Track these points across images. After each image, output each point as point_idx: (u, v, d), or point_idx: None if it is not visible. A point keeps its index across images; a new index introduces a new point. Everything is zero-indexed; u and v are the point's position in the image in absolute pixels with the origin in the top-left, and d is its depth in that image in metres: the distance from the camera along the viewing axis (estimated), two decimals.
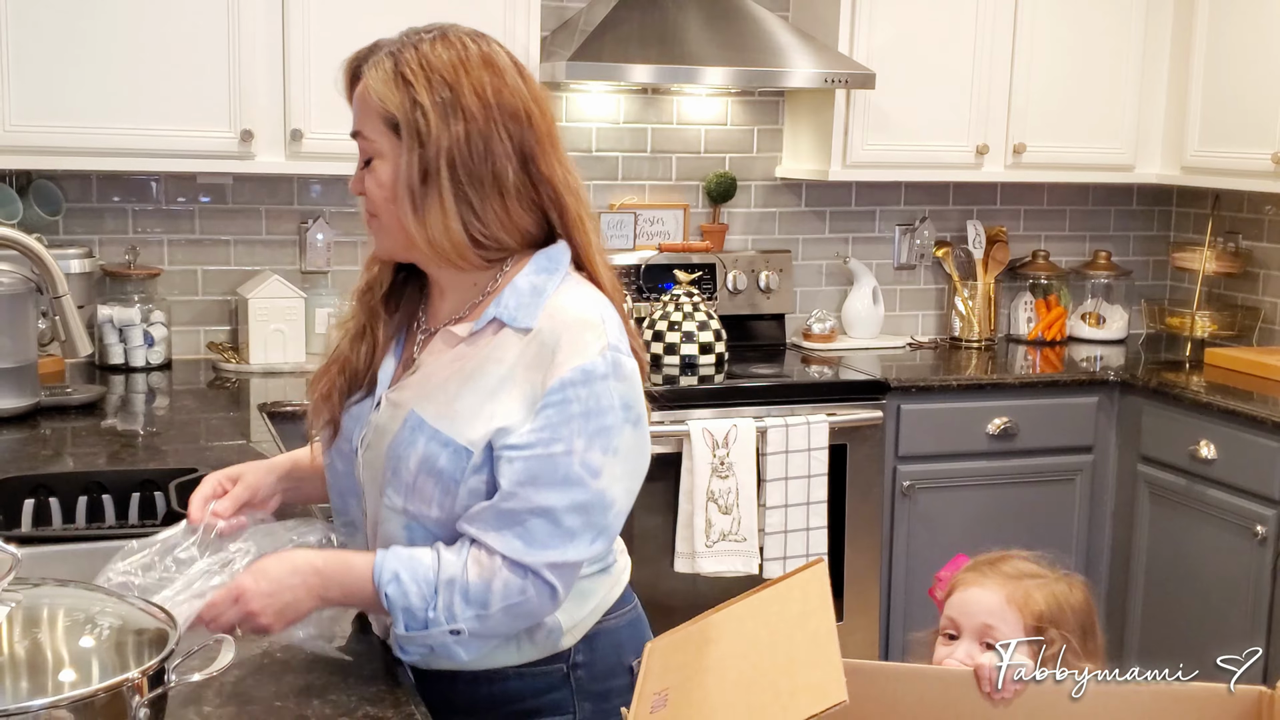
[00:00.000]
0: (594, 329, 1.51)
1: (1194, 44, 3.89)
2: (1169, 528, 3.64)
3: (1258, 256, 4.15)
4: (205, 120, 3.19)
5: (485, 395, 1.52)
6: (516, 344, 1.52)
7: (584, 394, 1.48)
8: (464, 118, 1.51)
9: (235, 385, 3.31)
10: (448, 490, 1.52)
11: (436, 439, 1.52)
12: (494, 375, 1.52)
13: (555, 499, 1.48)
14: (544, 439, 1.48)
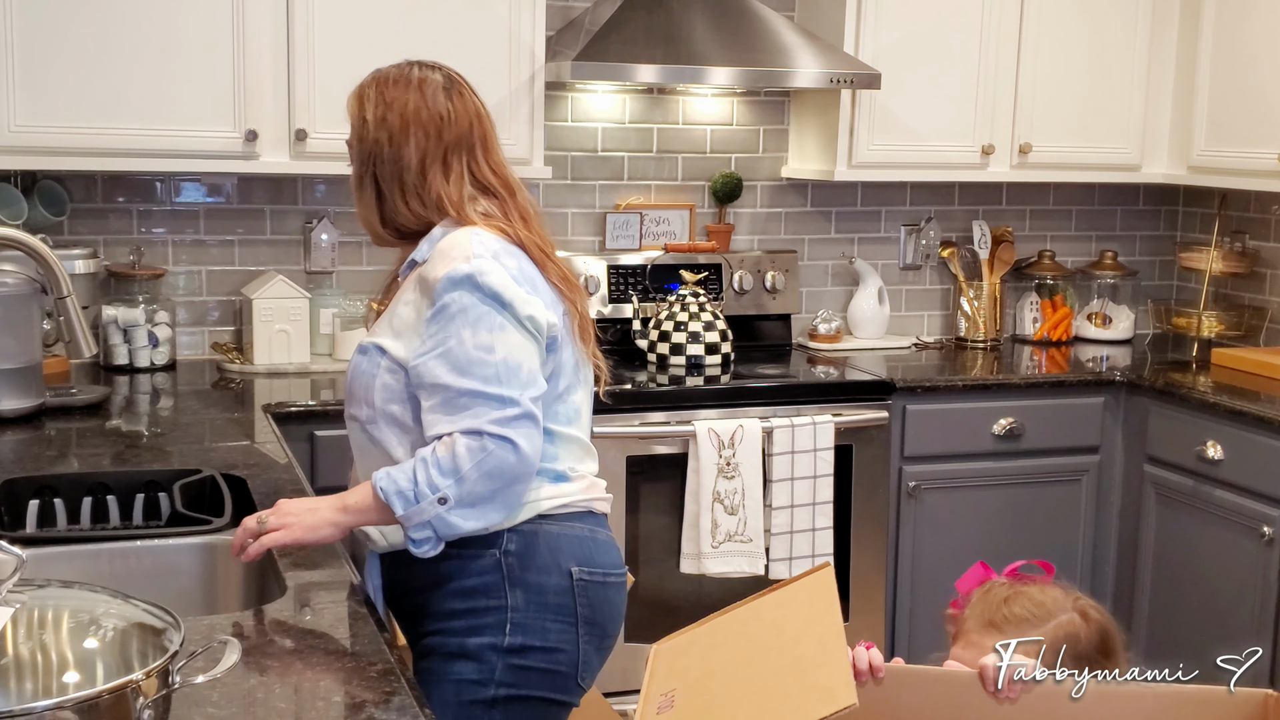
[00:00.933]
0: (460, 246, 1.88)
1: (1200, 43, 3.88)
2: (1175, 528, 3.63)
3: (1265, 256, 4.14)
4: (210, 120, 3.19)
5: (392, 314, 1.93)
6: (413, 276, 1.93)
7: (455, 296, 1.84)
8: (386, 132, 1.96)
9: (240, 386, 3.31)
10: (368, 386, 1.92)
11: (360, 349, 1.96)
12: (400, 299, 1.93)
13: (471, 380, 1.82)
14: (438, 339, 1.85)
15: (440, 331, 1.84)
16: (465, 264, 1.85)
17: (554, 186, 3.85)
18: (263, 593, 1.96)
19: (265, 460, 2.54)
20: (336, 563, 1.94)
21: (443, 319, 1.84)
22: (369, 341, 1.94)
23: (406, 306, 1.90)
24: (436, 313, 1.85)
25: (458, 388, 1.82)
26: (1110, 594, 3.88)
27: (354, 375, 1.95)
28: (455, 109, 1.98)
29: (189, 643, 1.31)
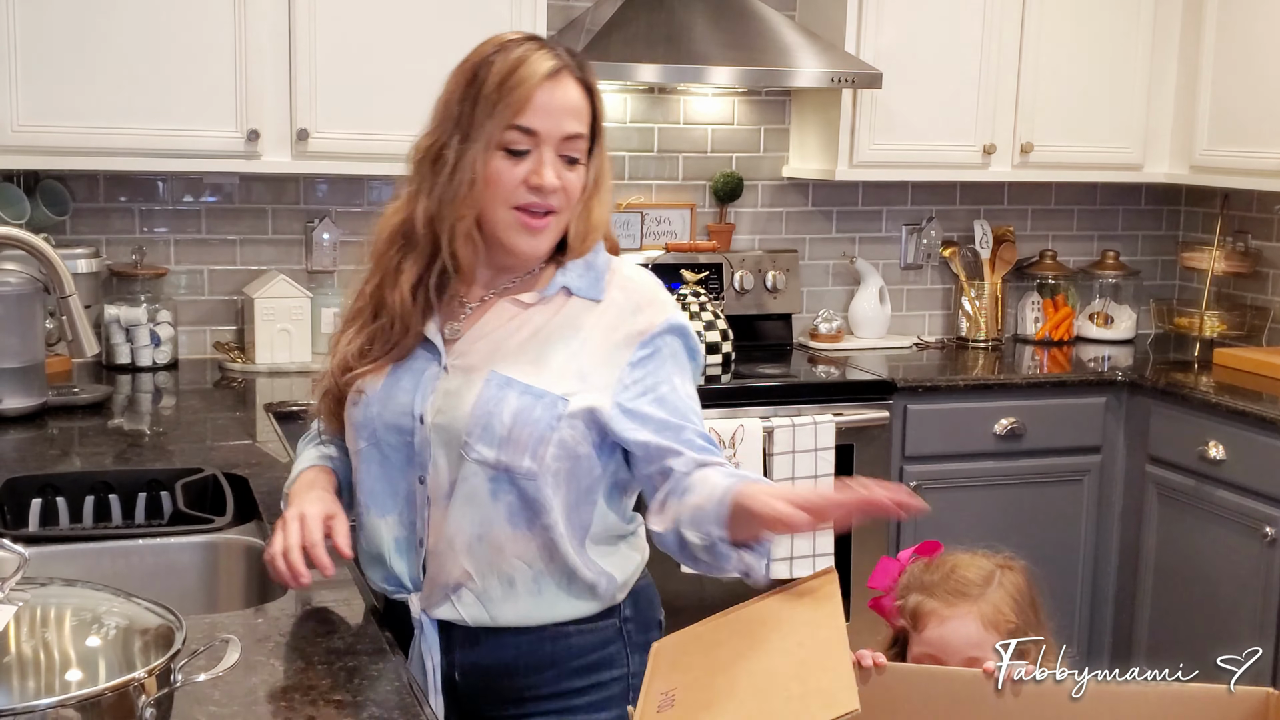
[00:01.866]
0: (664, 291, 1.76)
1: (1203, 42, 3.88)
2: (1177, 529, 3.63)
3: (1267, 256, 4.14)
4: (212, 120, 3.19)
5: (568, 355, 1.68)
6: (588, 312, 1.71)
7: (670, 341, 1.70)
8: (603, 141, 1.74)
9: (241, 385, 3.31)
10: (542, 439, 1.64)
11: (529, 393, 1.65)
12: (574, 337, 1.69)
13: (689, 422, 1.70)
14: (650, 383, 1.68)
15: (650, 376, 1.69)
16: (676, 312, 1.73)
17: None
18: (264, 591, 1.96)
19: (267, 459, 2.54)
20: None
21: (653, 363, 1.69)
22: (544, 388, 1.66)
23: (588, 346, 1.69)
24: (647, 356, 1.69)
25: (675, 423, 1.68)
26: (1112, 594, 3.88)
27: (521, 420, 1.65)
28: None
29: (191, 641, 1.31)
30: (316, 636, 1.66)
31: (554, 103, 1.64)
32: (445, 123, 1.69)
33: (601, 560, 1.73)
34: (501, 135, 1.64)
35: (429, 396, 1.70)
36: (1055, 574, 3.82)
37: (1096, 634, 3.90)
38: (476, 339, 1.71)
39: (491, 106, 1.63)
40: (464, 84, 1.67)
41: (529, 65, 1.64)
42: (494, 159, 1.64)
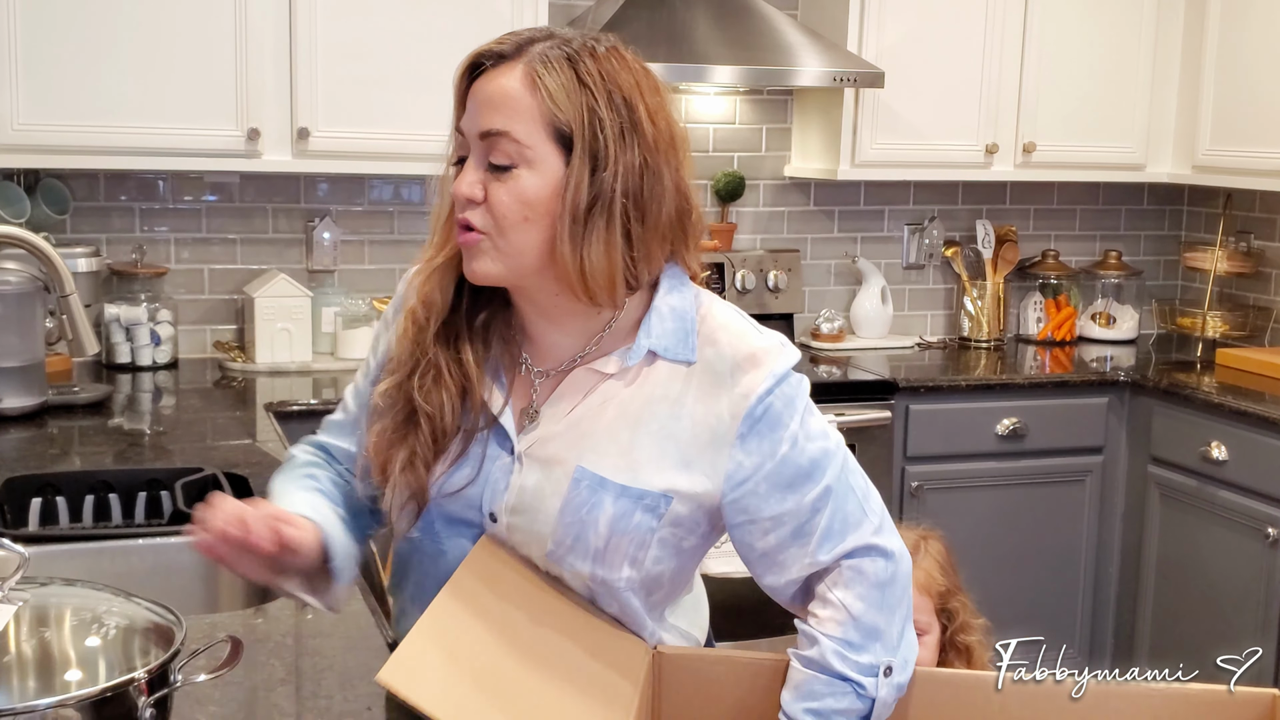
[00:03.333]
0: (754, 338, 1.42)
1: (1206, 42, 3.87)
2: (1179, 529, 3.62)
3: (1270, 256, 4.13)
4: (212, 119, 3.18)
5: (663, 436, 1.39)
6: (679, 377, 1.40)
7: (779, 393, 1.39)
8: (639, 144, 1.35)
9: (241, 384, 3.31)
10: (642, 544, 1.40)
11: (627, 495, 1.38)
12: (665, 413, 1.40)
13: (815, 486, 1.40)
14: (768, 452, 1.39)
15: (768, 441, 1.39)
16: (777, 360, 1.40)
17: None
18: (264, 592, 1.95)
19: (267, 459, 2.54)
20: None
21: (768, 424, 1.39)
22: (643, 486, 1.38)
23: (683, 421, 1.39)
24: (760, 417, 1.38)
25: (808, 505, 1.39)
26: (1114, 595, 3.87)
27: (619, 529, 1.39)
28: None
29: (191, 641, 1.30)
30: (317, 636, 1.65)
31: (478, 95, 1.36)
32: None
33: (680, 622, 1.54)
34: (454, 142, 1.40)
35: (501, 493, 1.42)
36: (1057, 574, 3.81)
37: (1098, 634, 3.89)
38: (552, 422, 1.42)
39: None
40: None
41: (475, 49, 1.41)
42: (450, 175, 1.40)
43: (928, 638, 1.82)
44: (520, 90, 1.34)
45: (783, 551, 1.41)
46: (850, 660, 1.39)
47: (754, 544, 1.42)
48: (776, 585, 1.45)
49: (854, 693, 1.40)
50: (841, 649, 1.40)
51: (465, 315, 1.43)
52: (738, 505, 1.40)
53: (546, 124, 1.33)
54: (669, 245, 1.42)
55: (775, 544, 1.41)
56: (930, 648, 1.83)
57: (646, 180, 1.35)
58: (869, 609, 1.40)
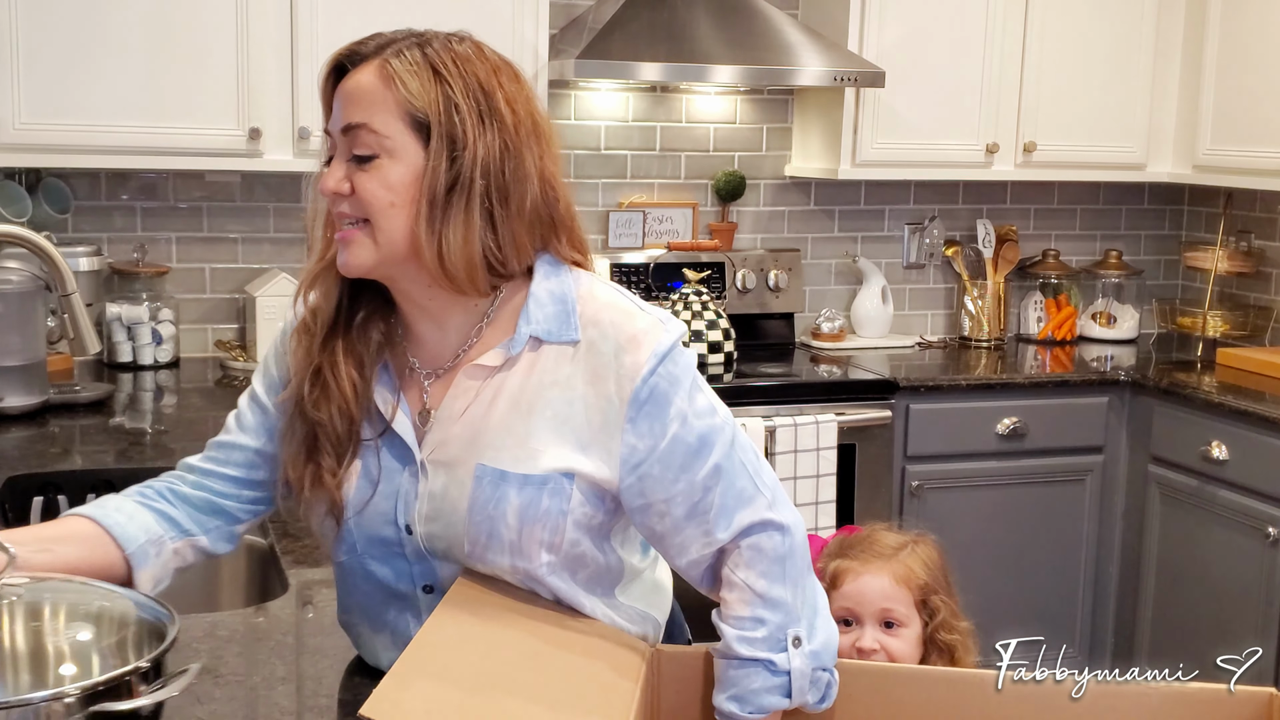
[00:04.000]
0: (636, 317, 1.42)
1: (1206, 41, 3.87)
2: (1180, 529, 3.63)
3: (1270, 256, 4.13)
4: (213, 118, 3.18)
5: (558, 420, 1.40)
6: (565, 359, 1.41)
7: (663, 372, 1.39)
8: (499, 129, 1.38)
9: (243, 383, 3.30)
10: (556, 529, 1.40)
11: (530, 483, 1.39)
12: (557, 397, 1.40)
13: (705, 463, 1.40)
14: (658, 433, 1.39)
15: (656, 421, 1.39)
16: (659, 336, 1.40)
17: None
18: (265, 590, 1.96)
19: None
20: None
21: (656, 405, 1.39)
22: (544, 471, 1.39)
23: (575, 405, 1.40)
24: (648, 399, 1.39)
25: (699, 483, 1.40)
26: (1114, 594, 3.87)
27: (528, 518, 1.40)
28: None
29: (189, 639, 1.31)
30: (317, 635, 1.66)
31: (340, 95, 1.40)
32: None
33: (637, 603, 1.54)
34: (324, 146, 1.43)
35: (412, 504, 1.43)
36: (1057, 574, 3.81)
37: (1099, 634, 3.89)
38: (448, 423, 1.42)
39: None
40: None
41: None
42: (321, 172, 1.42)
43: (907, 631, 1.85)
44: (375, 83, 1.38)
45: (680, 532, 1.42)
46: (750, 639, 1.41)
47: (654, 527, 1.43)
48: (683, 567, 1.46)
49: (765, 670, 1.41)
50: (742, 631, 1.41)
51: (347, 320, 1.46)
52: (634, 489, 1.41)
53: (403, 114, 1.36)
54: (538, 233, 1.44)
55: (672, 525, 1.42)
56: (911, 642, 1.84)
57: (507, 164, 1.38)
58: (773, 585, 1.42)
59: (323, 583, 1.85)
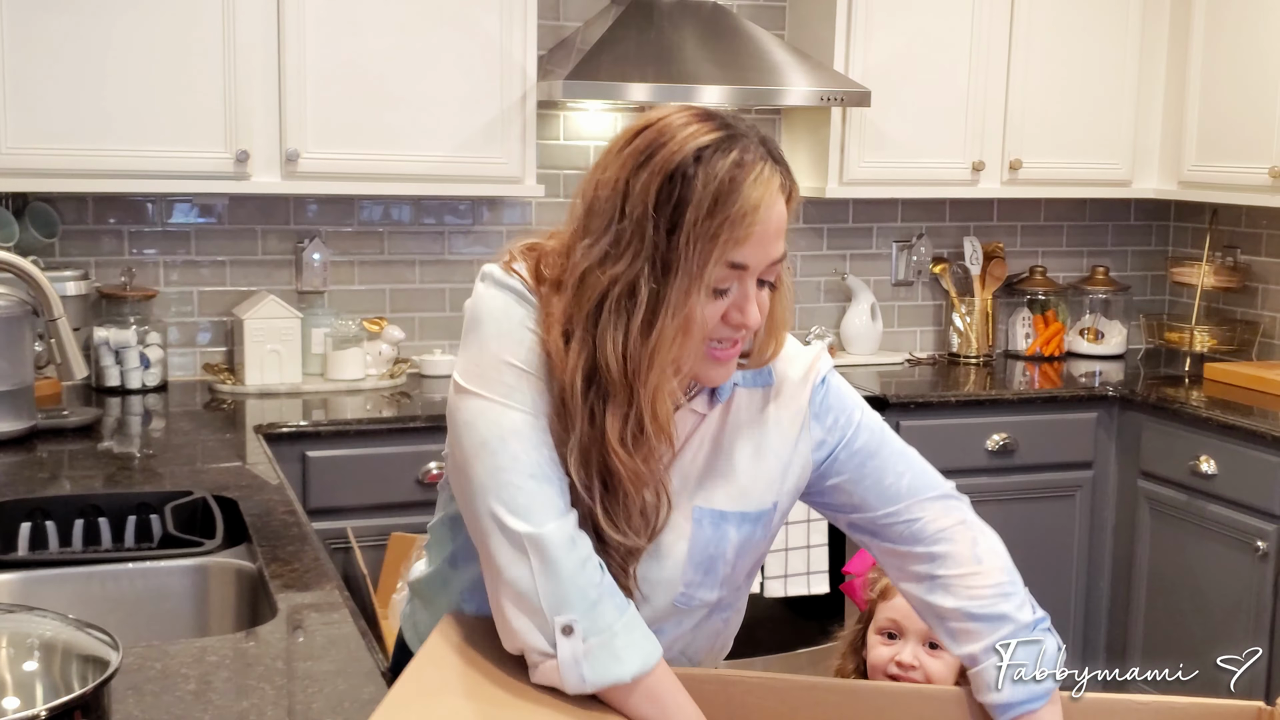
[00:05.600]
0: (806, 350, 1.58)
1: (1190, 58, 3.89)
2: (1170, 543, 3.63)
3: (1256, 271, 4.15)
4: (201, 141, 3.19)
5: (759, 455, 1.50)
6: (757, 398, 1.52)
7: (834, 378, 1.57)
8: None
9: (231, 407, 3.30)
10: (759, 556, 1.55)
11: (746, 520, 1.50)
12: (757, 434, 1.51)
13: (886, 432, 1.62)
14: (839, 422, 1.55)
15: (833, 415, 1.56)
16: (827, 358, 1.59)
17: (547, 205, 3.86)
18: (255, 615, 1.95)
19: (257, 481, 2.53)
20: (327, 585, 1.93)
21: (833, 400, 1.56)
22: (757, 507, 1.50)
23: (774, 435, 1.52)
24: (824, 398, 1.55)
25: (901, 448, 1.65)
26: (1106, 609, 3.88)
27: (745, 552, 1.51)
28: None
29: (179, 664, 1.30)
30: (307, 660, 1.65)
31: (769, 228, 1.36)
32: (633, 246, 1.34)
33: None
34: (716, 275, 1.35)
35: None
36: (1049, 589, 3.81)
37: (1090, 650, 3.89)
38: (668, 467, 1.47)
39: (708, 241, 1.33)
40: (657, 196, 1.34)
41: (751, 187, 1.34)
42: (702, 303, 1.36)
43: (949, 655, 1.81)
44: (786, 213, 1.40)
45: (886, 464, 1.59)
46: (1013, 597, 1.60)
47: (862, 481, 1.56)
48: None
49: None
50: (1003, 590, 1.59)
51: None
52: (828, 466, 1.54)
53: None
54: None
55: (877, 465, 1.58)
56: (951, 667, 1.82)
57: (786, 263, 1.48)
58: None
59: (312, 606, 1.84)
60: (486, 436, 1.37)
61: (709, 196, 1.33)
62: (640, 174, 1.35)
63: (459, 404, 1.40)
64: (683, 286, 1.34)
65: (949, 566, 1.57)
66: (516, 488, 1.35)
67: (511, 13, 3.40)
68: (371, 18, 3.29)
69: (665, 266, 1.34)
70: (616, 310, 1.34)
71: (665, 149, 1.35)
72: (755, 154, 1.36)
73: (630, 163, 1.36)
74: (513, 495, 1.35)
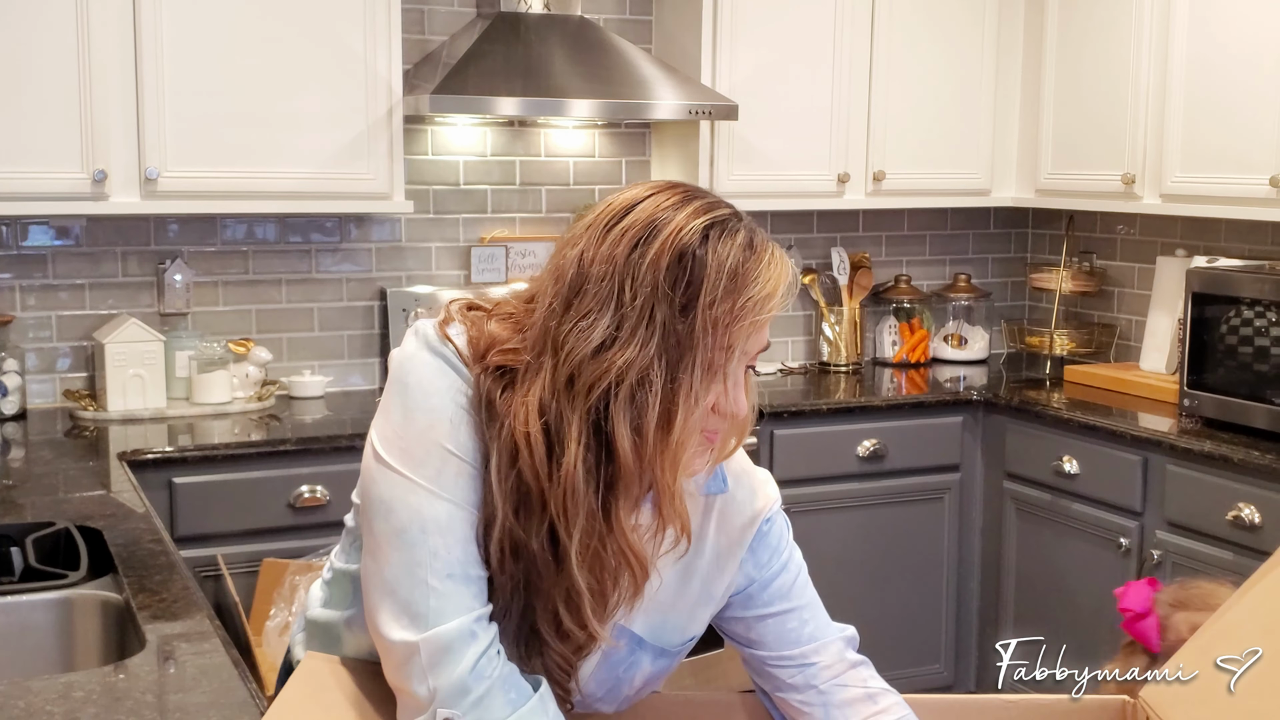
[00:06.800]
0: (752, 464, 1.52)
1: (1044, 71, 4.02)
2: (1036, 542, 3.73)
3: (1112, 275, 4.29)
4: (56, 161, 3.09)
5: (686, 575, 1.43)
6: (697, 508, 1.42)
7: (780, 513, 1.52)
8: None
9: (94, 434, 3.21)
10: (664, 679, 1.51)
11: (665, 655, 1.45)
12: (700, 546, 1.43)
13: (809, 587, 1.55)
14: (766, 562, 1.48)
15: (765, 554, 1.49)
16: (772, 489, 1.52)
17: (416, 221, 3.82)
18: (123, 647, 1.90)
19: (122, 510, 2.46)
20: (198, 614, 1.89)
21: (773, 539, 1.50)
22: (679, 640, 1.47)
23: (711, 551, 1.45)
24: (764, 537, 1.48)
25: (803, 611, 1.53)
26: (976, 608, 3.97)
27: (652, 682, 1.50)
28: None
29: (43, 702, 1.26)
30: (178, 692, 1.61)
31: (781, 308, 1.31)
32: (642, 330, 1.25)
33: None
34: (733, 362, 1.29)
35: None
36: (921, 590, 3.89)
37: (963, 646, 3.98)
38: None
39: (726, 326, 1.26)
40: (666, 277, 1.25)
41: (767, 269, 1.28)
42: (715, 390, 1.29)
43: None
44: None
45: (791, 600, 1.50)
46: None
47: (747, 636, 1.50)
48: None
49: None
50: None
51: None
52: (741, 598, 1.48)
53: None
54: None
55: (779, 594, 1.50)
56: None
57: None
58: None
59: (182, 637, 1.80)
60: (405, 525, 1.27)
61: (725, 275, 1.25)
62: (643, 254, 1.25)
63: (377, 475, 1.30)
64: (701, 379, 1.26)
65: (848, 715, 1.49)
66: (429, 588, 1.26)
67: (375, 27, 3.37)
68: (232, 34, 3.23)
69: (679, 356, 1.25)
70: (630, 401, 1.24)
71: (668, 227, 1.26)
72: (761, 236, 1.31)
73: (630, 241, 1.26)
74: (424, 596, 1.26)
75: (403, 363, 1.32)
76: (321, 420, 3.42)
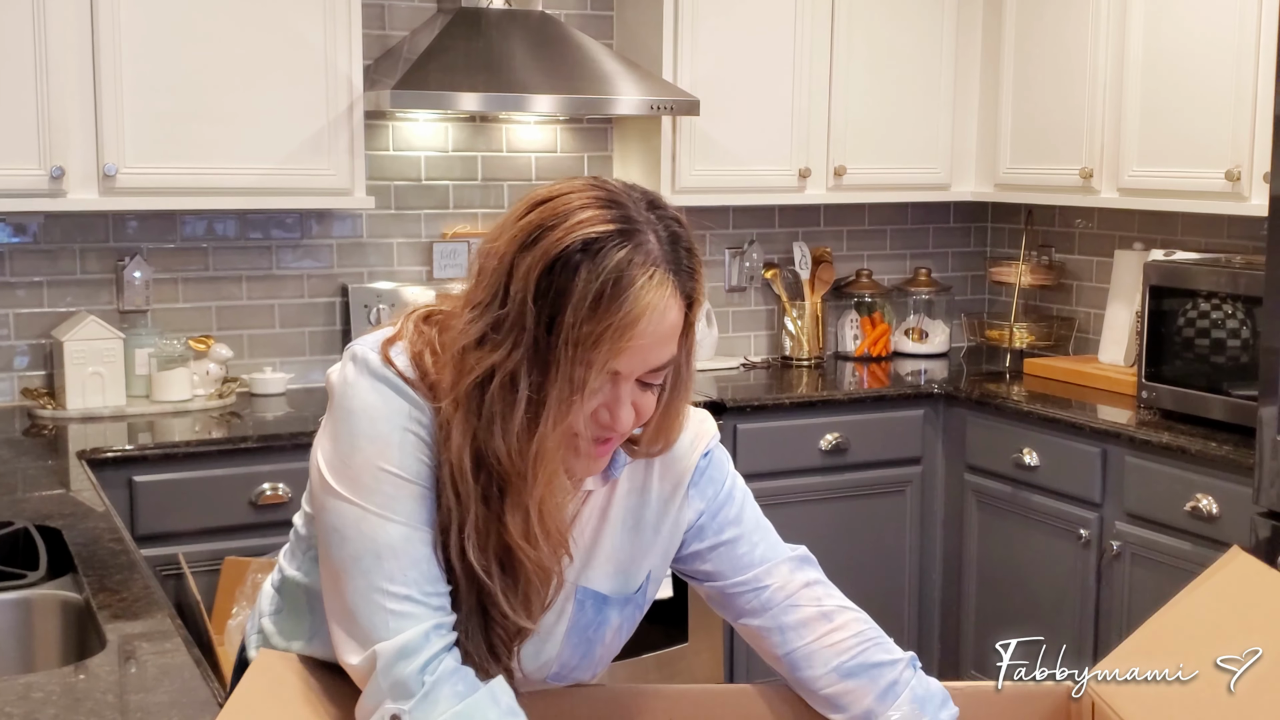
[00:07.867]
0: (692, 409, 1.49)
1: (1002, 67, 4.05)
2: (997, 534, 3.76)
3: (1070, 268, 4.33)
4: (13, 158, 3.06)
5: (636, 527, 1.47)
6: (638, 466, 1.46)
7: (718, 447, 1.55)
8: None
9: (53, 432, 3.18)
10: (634, 628, 1.52)
11: (630, 602, 1.48)
12: (635, 503, 1.47)
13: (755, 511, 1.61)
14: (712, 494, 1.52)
15: (710, 487, 1.53)
16: (712, 429, 1.54)
17: (378, 217, 3.81)
18: (83, 648, 1.89)
19: (81, 509, 2.45)
20: (159, 613, 1.87)
21: (714, 472, 1.54)
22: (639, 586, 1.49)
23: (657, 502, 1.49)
24: (704, 471, 1.52)
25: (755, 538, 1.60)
26: (938, 600, 3.99)
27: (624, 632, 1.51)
28: None
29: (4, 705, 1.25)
30: (139, 692, 1.60)
31: (654, 339, 1.27)
32: (513, 334, 1.25)
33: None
34: (592, 381, 1.26)
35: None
36: (883, 583, 3.91)
37: (925, 638, 4.00)
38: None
39: (589, 347, 1.23)
40: (537, 285, 1.24)
41: (639, 293, 1.24)
42: (576, 406, 1.27)
43: None
44: (683, 314, 1.31)
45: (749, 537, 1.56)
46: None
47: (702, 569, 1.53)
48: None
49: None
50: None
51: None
52: (693, 533, 1.51)
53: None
54: None
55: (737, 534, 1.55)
56: None
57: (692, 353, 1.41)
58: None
59: (143, 636, 1.79)
60: (360, 552, 1.28)
61: (591, 295, 1.22)
62: (525, 255, 1.25)
63: (327, 503, 1.31)
64: (563, 395, 1.25)
65: (803, 635, 1.52)
66: (388, 612, 1.27)
67: (335, 22, 3.35)
68: (190, 29, 3.20)
69: (544, 366, 1.24)
70: (500, 400, 1.25)
71: (553, 233, 1.24)
72: (651, 255, 1.25)
73: (520, 238, 1.26)
74: (384, 621, 1.26)
75: (344, 389, 1.32)
76: (283, 417, 3.41)
